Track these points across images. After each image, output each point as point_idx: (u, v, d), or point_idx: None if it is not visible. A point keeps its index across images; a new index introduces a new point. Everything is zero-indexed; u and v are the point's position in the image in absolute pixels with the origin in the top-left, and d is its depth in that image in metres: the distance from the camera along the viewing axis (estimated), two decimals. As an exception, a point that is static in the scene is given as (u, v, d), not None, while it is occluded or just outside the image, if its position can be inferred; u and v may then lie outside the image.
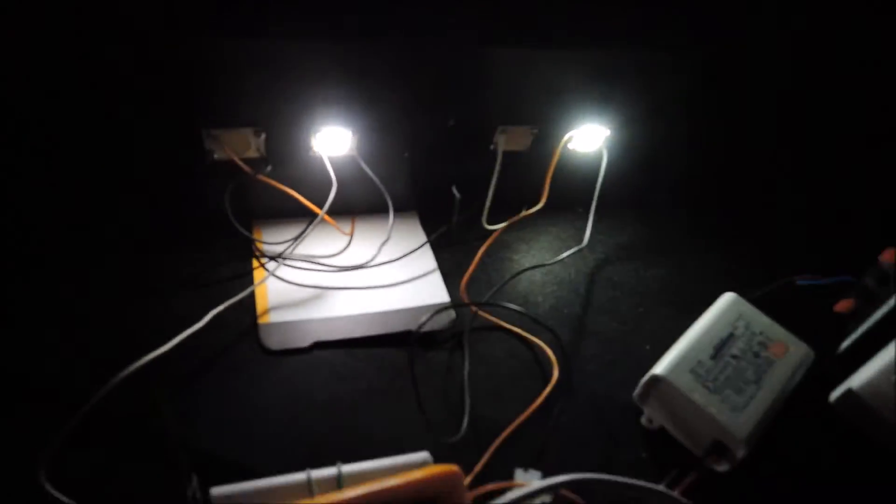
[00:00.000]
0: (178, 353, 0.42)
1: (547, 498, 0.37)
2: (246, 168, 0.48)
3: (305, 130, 0.49)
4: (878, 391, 0.47)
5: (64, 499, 0.35)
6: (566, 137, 0.54)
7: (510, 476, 0.40)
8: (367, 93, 0.49)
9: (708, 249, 0.60)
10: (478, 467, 0.40)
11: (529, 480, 0.39)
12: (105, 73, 0.43)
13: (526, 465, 0.41)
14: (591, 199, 0.57)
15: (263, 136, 0.48)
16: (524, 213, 0.54)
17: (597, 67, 0.54)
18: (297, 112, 0.48)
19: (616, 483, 0.36)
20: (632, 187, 0.60)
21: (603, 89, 0.54)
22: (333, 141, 0.50)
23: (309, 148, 0.50)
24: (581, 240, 0.58)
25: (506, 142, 0.54)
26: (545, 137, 0.55)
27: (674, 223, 0.63)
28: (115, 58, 0.42)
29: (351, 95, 0.49)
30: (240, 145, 0.48)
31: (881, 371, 0.47)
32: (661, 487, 0.39)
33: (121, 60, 0.43)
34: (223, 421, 0.41)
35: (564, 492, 0.38)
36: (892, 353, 0.46)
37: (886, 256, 0.48)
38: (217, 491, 0.34)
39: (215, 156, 0.48)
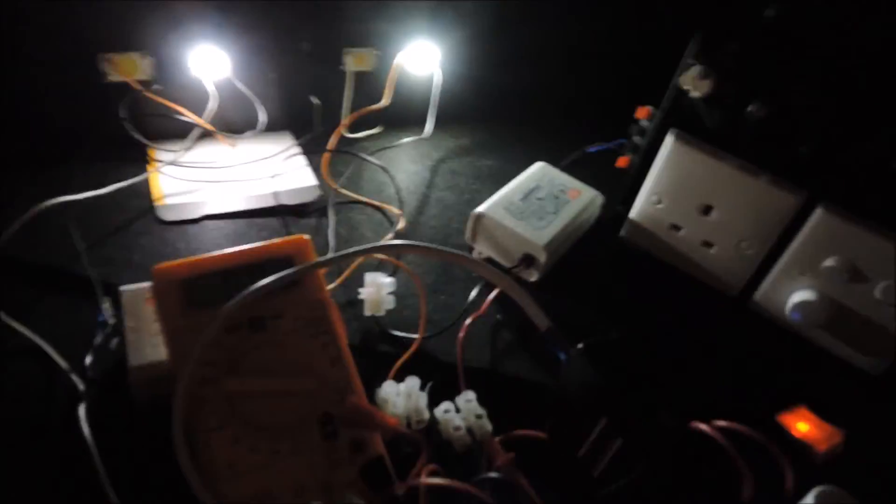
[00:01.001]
0: (91, 220, 0.52)
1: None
2: (136, 86, 0.58)
3: (187, 53, 0.58)
4: (646, 214, 0.61)
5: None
6: (401, 54, 0.66)
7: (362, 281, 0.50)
8: (240, 20, 0.59)
9: (530, 145, 0.72)
10: (340, 279, 0.52)
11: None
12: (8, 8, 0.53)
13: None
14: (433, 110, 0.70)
15: (150, 59, 0.58)
16: (371, 107, 0.66)
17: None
18: (179, 37, 0.58)
19: (432, 249, 0.45)
20: (468, 103, 0.73)
21: (432, 12, 0.67)
22: (212, 64, 0.59)
23: (190, 70, 0.59)
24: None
25: (354, 63, 0.66)
26: (388, 58, 0.66)
27: (503, 128, 0.76)
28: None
29: (226, 22, 0.59)
30: (130, 68, 0.57)
31: (644, 199, 0.60)
32: (470, 255, 0.51)
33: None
34: (131, 264, 0.51)
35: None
36: (649, 185, 0.60)
37: (639, 114, 0.61)
38: (124, 288, 0.44)
39: (109, 78, 0.57)
